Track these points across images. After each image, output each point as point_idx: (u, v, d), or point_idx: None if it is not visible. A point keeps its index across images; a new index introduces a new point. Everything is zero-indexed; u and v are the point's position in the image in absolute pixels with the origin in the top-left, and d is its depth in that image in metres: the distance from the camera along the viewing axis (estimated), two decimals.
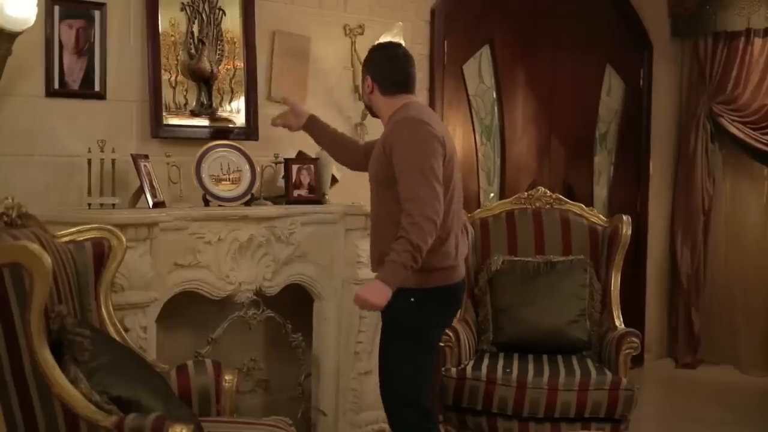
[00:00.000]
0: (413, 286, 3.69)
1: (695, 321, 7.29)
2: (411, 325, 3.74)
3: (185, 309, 4.37)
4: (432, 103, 5.70)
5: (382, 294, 3.56)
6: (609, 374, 4.41)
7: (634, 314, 6.62)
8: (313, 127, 4.34)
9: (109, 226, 3.61)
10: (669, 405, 6.25)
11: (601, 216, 5.11)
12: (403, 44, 5.03)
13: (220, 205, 4.35)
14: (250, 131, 4.73)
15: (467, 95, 6.02)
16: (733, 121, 7.03)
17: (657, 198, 7.36)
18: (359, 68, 5.05)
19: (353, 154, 4.25)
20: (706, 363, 7.34)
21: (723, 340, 7.32)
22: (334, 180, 4.83)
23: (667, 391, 6.81)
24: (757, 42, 6.97)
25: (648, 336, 7.26)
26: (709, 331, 7.35)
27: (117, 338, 3.53)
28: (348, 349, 4.74)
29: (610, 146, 7.13)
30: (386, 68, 3.92)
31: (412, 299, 3.71)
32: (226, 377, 3.64)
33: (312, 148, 4.74)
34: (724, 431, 5.73)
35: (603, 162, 7.08)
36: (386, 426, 4.23)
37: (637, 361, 6.66)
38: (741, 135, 7.00)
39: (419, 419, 3.85)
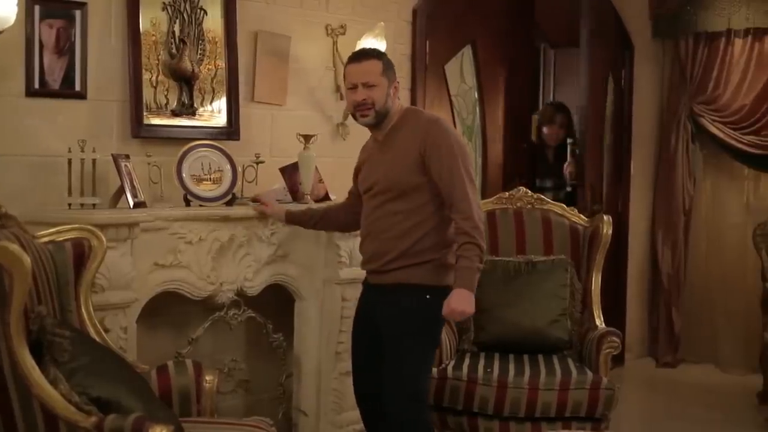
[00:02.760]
0: (429, 284, 3.78)
1: (676, 320, 7.31)
2: (426, 322, 3.79)
3: (166, 309, 4.37)
4: (414, 103, 5.69)
5: (471, 301, 3.71)
6: (589, 374, 4.41)
7: (615, 314, 6.63)
8: (295, 219, 4.39)
9: (89, 227, 3.60)
10: (650, 404, 6.27)
11: (582, 216, 5.11)
12: (385, 44, 5.09)
13: (201, 205, 4.34)
14: (232, 131, 4.73)
15: (449, 95, 6.03)
16: (714, 121, 7.06)
17: (638, 198, 7.38)
18: (341, 68, 5.05)
19: (350, 213, 4.23)
20: (686, 362, 7.36)
21: (703, 339, 7.34)
22: None
23: (648, 390, 6.84)
24: (738, 42, 6.99)
25: (629, 335, 7.28)
26: (690, 330, 7.37)
27: (97, 339, 3.52)
28: (329, 349, 4.74)
29: None
30: None
31: (428, 296, 3.78)
32: (207, 377, 3.64)
33: (289, 150, 4.77)
34: (705, 430, 5.74)
35: None
36: None
37: (618, 360, 6.70)
38: (721, 135, 7.04)
39: (419, 414, 3.89)
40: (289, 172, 4.82)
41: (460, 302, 3.67)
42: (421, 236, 3.79)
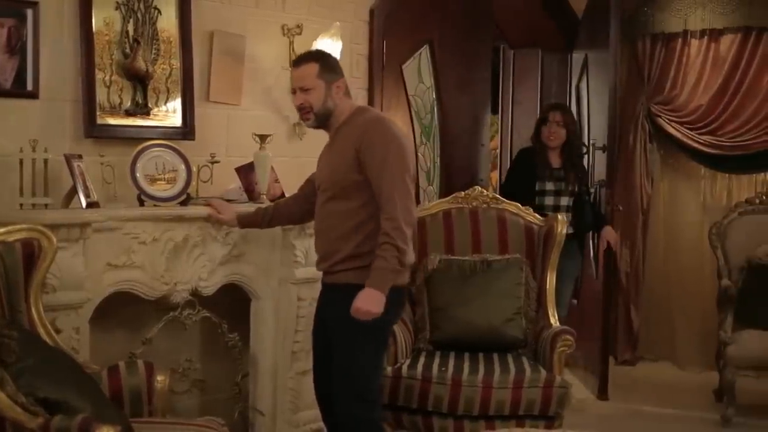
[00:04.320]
0: None
1: (634, 319, 7.38)
2: (373, 322, 3.72)
3: (121, 310, 4.34)
4: (371, 103, 5.69)
5: (379, 301, 3.65)
6: (543, 372, 4.44)
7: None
8: (248, 222, 4.38)
9: (39, 227, 3.58)
10: (609, 401, 6.30)
11: (536, 215, 5.14)
12: (341, 44, 5.10)
13: (155, 205, 4.32)
14: (187, 131, 4.71)
15: (407, 95, 6.04)
16: (671, 121, 7.13)
17: None
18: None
19: (304, 203, 4.22)
20: (644, 360, 7.45)
21: (661, 337, 7.43)
22: None
23: (609, 387, 6.86)
24: (694, 43, 7.09)
25: None
26: (648, 328, 7.46)
27: (48, 339, 3.51)
28: (285, 349, 4.74)
29: None
30: (341, 73, 3.96)
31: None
32: (158, 378, 3.64)
33: (245, 150, 4.77)
34: (663, 426, 5.81)
35: None
36: (323, 425, 4.24)
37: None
38: (678, 135, 7.12)
39: (368, 413, 3.88)
40: (245, 172, 4.81)
41: (366, 302, 3.64)
42: (364, 237, 3.76)
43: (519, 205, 5.15)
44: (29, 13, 4.17)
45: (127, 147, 4.38)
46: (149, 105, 4.58)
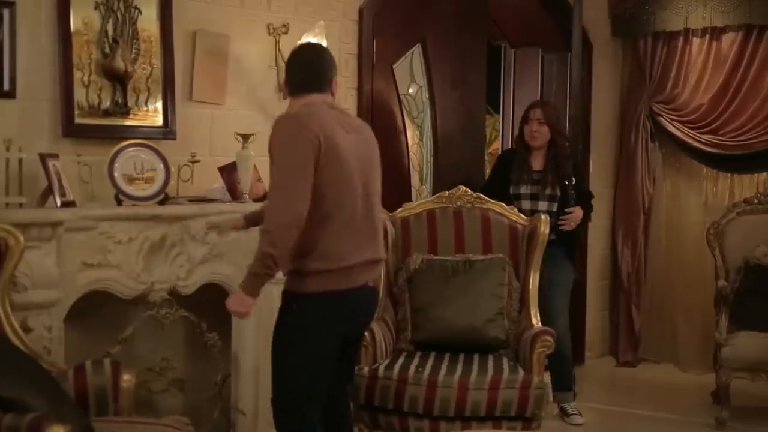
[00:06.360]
0: (294, 291, 3.62)
1: (636, 319, 7.32)
2: (293, 331, 3.64)
3: (99, 309, 4.35)
4: (360, 103, 5.68)
5: (243, 302, 3.56)
6: (521, 373, 4.41)
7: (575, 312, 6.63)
8: (252, 220, 4.23)
9: (6, 226, 3.60)
10: (610, 403, 6.27)
11: (521, 215, 5.11)
12: (325, 44, 5.07)
13: (133, 205, 4.32)
14: (168, 131, 4.71)
15: (398, 94, 6.01)
16: (672, 120, 7.07)
17: (598, 197, 7.33)
18: (284, 68, 5.07)
19: None
20: (646, 361, 7.39)
21: (663, 338, 7.37)
22: None
23: (608, 389, 6.84)
24: (695, 41, 7.02)
25: (589, 334, 7.31)
26: (650, 329, 7.40)
27: (14, 339, 3.53)
28: (267, 349, 4.66)
29: None
30: (292, 70, 3.87)
31: (294, 306, 3.63)
32: (125, 377, 3.64)
33: (229, 150, 4.77)
34: (664, 428, 5.77)
35: None
36: None
37: (579, 359, 6.73)
38: (680, 134, 7.06)
39: (291, 425, 3.72)
40: (228, 172, 4.81)
41: (233, 303, 3.60)
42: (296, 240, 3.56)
43: (503, 204, 5.13)
44: (6, 13, 4.17)
45: (106, 146, 4.39)
46: (129, 105, 4.57)
